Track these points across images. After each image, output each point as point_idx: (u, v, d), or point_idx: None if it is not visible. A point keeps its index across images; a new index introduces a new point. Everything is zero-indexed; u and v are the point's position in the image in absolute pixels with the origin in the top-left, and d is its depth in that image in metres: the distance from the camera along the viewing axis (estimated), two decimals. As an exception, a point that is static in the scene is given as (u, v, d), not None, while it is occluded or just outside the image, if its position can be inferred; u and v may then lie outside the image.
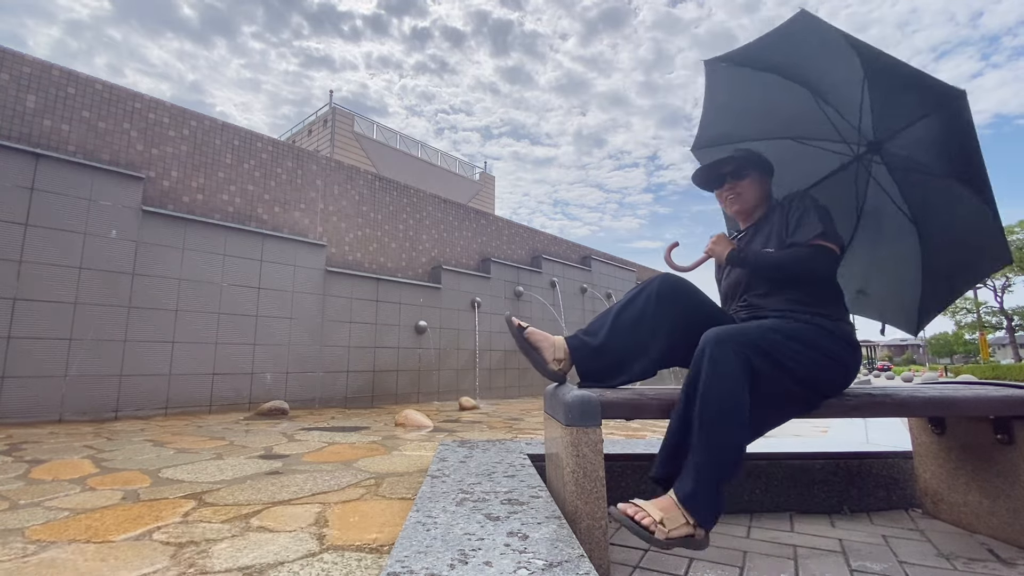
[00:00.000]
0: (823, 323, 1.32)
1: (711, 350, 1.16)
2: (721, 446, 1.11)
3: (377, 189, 6.08)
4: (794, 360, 1.21)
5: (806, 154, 1.78)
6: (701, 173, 1.64)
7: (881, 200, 1.73)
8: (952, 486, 1.57)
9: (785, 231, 1.44)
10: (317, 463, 2.13)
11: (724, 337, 1.18)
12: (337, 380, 5.03)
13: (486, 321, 6.70)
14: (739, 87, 1.74)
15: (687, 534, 1.07)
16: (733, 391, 1.13)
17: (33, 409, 3.39)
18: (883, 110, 1.54)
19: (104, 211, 3.79)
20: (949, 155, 1.51)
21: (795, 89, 1.66)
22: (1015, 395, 1.37)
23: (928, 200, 1.65)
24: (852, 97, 1.55)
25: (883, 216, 1.75)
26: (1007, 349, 40.16)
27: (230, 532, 1.28)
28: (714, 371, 1.14)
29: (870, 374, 25.66)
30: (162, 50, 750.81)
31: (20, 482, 1.79)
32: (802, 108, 1.68)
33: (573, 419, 1.15)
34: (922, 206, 1.67)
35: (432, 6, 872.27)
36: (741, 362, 1.15)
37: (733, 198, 1.60)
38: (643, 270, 10.83)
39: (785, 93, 1.67)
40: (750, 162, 1.58)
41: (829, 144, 1.72)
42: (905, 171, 1.64)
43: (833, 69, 1.53)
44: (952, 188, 1.54)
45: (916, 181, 1.64)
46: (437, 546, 0.81)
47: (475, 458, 1.58)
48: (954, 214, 1.59)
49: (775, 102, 1.72)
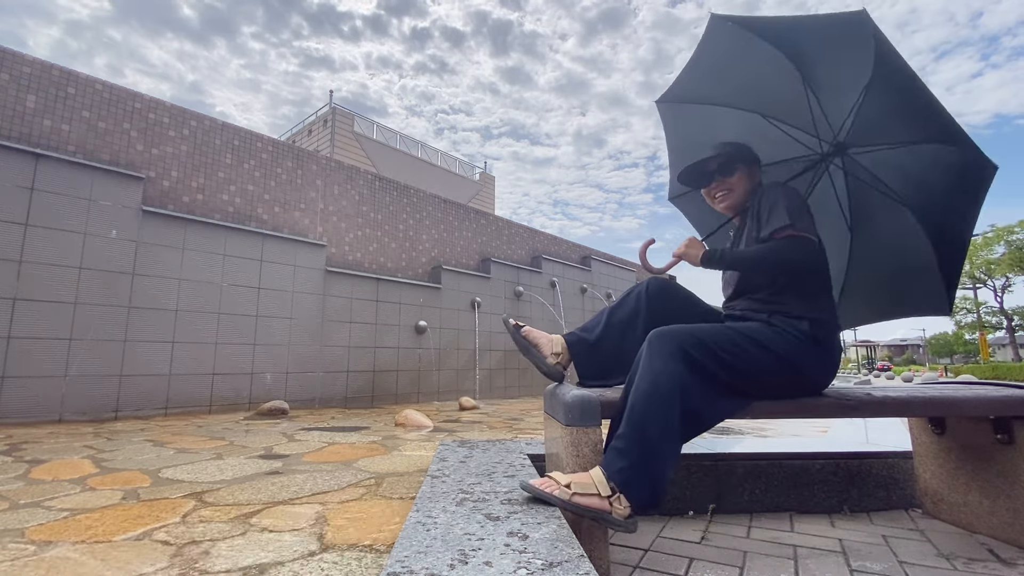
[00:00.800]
0: (779, 321, 1.31)
1: (651, 339, 1.20)
2: (644, 425, 1.10)
3: (377, 189, 6.08)
4: (734, 356, 1.22)
5: (769, 135, 1.72)
6: (688, 172, 1.61)
7: (826, 198, 1.72)
8: (952, 486, 1.57)
9: (756, 225, 1.42)
10: (317, 463, 2.13)
11: (665, 331, 1.21)
12: (337, 380, 5.03)
13: (486, 321, 6.70)
14: (735, 50, 1.64)
15: (598, 507, 1.04)
16: (661, 378, 1.13)
17: (33, 409, 3.39)
18: (869, 120, 1.50)
19: (104, 211, 3.79)
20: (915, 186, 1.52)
21: (790, 70, 1.57)
22: (1015, 395, 1.37)
23: (873, 217, 1.66)
24: (846, 97, 1.52)
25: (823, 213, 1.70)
26: (1007, 349, 40.16)
27: (230, 532, 1.28)
28: (649, 360, 1.17)
29: (870, 374, 25.67)
30: (162, 50, 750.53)
31: (20, 482, 1.79)
32: (787, 89, 1.61)
33: (573, 419, 1.15)
34: (864, 221, 1.69)
35: (432, 6, 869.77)
36: (677, 352, 1.16)
37: (723, 195, 1.57)
38: (642, 270, 10.83)
39: (778, 69, 1.58)
40: (738, 156, 1.55)
41: (798, 132, 1.68)
42: (861, 182, 1.64)
43: (841, 63, 1.48)
44: (902, 214, 1.56)
45: (870, 195, 1.64)
46: (437, 546, 0.81)
47: (475, 458, 1.58)
48: (893, 236, 1.61)
49: (763, 75, 1.64)
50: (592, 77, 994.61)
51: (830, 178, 1.71)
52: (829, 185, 1.72)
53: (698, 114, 1.85)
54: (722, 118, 1.80)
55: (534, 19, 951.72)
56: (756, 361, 1.24)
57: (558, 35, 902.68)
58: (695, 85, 1.79)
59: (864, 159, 1.61)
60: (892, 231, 1.64)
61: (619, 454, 1.09)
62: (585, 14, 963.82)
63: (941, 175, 1.47)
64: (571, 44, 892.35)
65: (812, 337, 1.29)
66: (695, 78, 1.77)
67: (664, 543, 1.40)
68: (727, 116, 1.79)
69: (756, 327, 1.30)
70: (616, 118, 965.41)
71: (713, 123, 1.82)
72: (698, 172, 1.59)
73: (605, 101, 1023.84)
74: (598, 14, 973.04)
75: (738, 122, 1.73)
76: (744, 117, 1.76)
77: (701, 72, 1.74)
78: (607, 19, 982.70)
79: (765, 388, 1.27)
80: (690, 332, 1.21)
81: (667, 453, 1.11)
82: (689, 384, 1.15)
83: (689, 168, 1.60)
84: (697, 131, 1.86)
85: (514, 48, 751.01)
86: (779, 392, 1.28)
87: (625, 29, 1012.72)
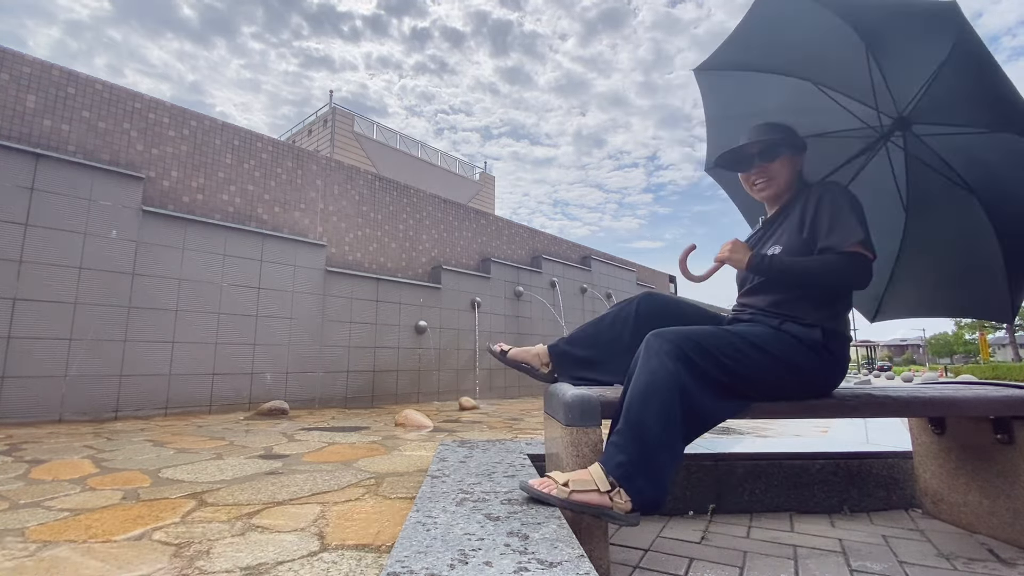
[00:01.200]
0: (791, 328, 1.27)
1: (648, 340, 1.19)
2: (642, 421, 1.08)
3: (377, 189, 6.08)
4: (735, 361, 1.19)
5: (819, 104, 1.59)
6: (728, 155, 1.51)
7: (881, 175, 1.60)
8: (952, 486, 1.57)
9: (811, 229, 1.32)
10: (317, 463, 2.13)
11: (663, 332, 1.19)
12: (337, 380, 5.03)
13: (486, 321, 6.70)
14: (787, 15, 1.49)
15: (598, 503, 1.03)
16: (659, 375, 1.12)
17: (33, 409, 3.38)
18: (940, 99, 1.36)
19: (104, 211, 3.79)
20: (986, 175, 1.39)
21: (851, 37, 1.40)
22: (1015, 395, 1.37)
23: (934, 203, 1.54)
24: (916, 70, 1.35)
25: (876, 191, 1.61)
26: (1007, 349, 40.14)
27: (230, 532, 1.28)
28: (646, 359, 1.15)
29: (870, 374, 25.69)
30: (162, 51, 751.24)
31: (20, 482, 1.79)
32: (846, 56, 1.44)
33: (573, 419, 1.15)
34: (923, 205, 1.58)
35: (432, 6, 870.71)
36: (674, 351, 1.14)
37: (763, 183, 1.47)
38: (643, 270, 10.83)
39: (837, 36, 1.42)
40: (782, 141, 1.44)
41: (853, 104, 1.53)
42: (924, 164, 1.52)
43: (914, 39, 1.32)
44: (969, 203, 1.44)
45: (932, 179, 1.51)
46: (437, 546, 0.81)
47: (475, 458, 1.58)
48: (957, 228, 1.49)
49: (818, 41, 1.48)
50: (592, 77, 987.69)
51: (888, 155, 1.57)
52: (886, 163, 1.58)
53: (741, 82, 1.72)
54: (767, 86, 1.67)
55: (534, 19, 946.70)
56: (758, 365, 1.21)
57: (558, 35, 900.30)
58: (739, 52, 1.64)
59: (931, 139, 1.47)
60: (955, 221, 1.50)
61: (617, 449, 1.08)
62: (585, 14, 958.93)
63: (1015, 167, 1.36)
64: (571, 44, 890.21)
65: (824, 347, 1.26)
66: (741, 45, 1.62)
67: (664, 543, 1.40)
68: (773, 83, 1.65)
69: (760, 331, 1.26)
70: (616, 118, 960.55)
71: (758, 91, 1.70)
72: (737, 156, 1.50)
73: (605, 101, 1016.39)
74: (598, 14, 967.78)
75: (785, 90, 1.58)
76: (792, 84, 1.61)
77: (748, 38, 1.59)
78: (607, 19, 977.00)
79: (767, 392, 1.25)
80: (687, 336, 1.18)
81: (668, 450, 1.09)
82: (688, 384, 1.13)
83: (730, 152, 1.50)
84: (739, 100, 1.75)
85: (514, 48, 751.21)
86: (782, 396, 1.27)
87: (625, 29, 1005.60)
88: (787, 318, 1.30)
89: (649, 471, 1.06)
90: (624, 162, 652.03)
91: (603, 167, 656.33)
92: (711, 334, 1.21)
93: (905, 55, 1.37)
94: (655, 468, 1.07)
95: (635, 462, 1.06)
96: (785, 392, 1.26)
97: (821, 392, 1.31)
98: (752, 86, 1.70)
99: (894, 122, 1.48)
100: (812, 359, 1.26)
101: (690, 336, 1.18)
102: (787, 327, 1.28)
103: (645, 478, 1.05)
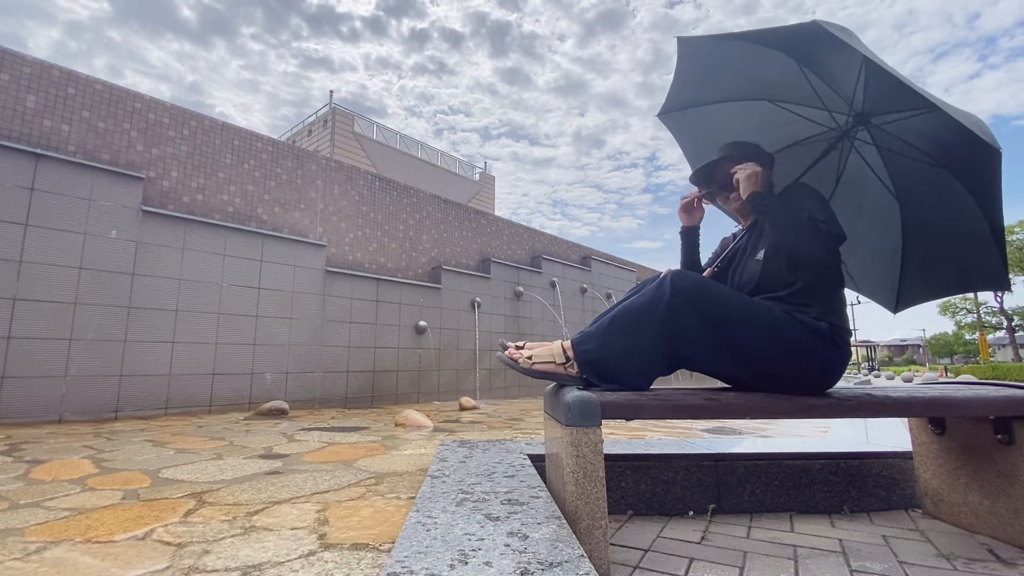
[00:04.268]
0: (800, 316, 1.32)
1: (670, 275, 1.28)
2: (625, 328, 1.24)
3: (377, 189, 6.08)
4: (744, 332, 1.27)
5: (782, 119, 1.71)
6: (699, 174, 1.62)
7: (863, 174, 1.67)
8: (952, 486, 1.57)
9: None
10: (317, 463, 2.13)
11: (688, 274, 1.29)
12: (337, 380, 5.03)
13: (486, 321, 6.70)
14: (715, 56, 1.65)
15: (553, 370, 1.26)
16: (661, 305, 1.24)
17: (33, 409, 3.38)
18: (879, 90, 1.45)
19: (104, 211, 3.79)
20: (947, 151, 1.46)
21: (778, 56, 1.55)
22: (1015, 395, 1.37)
23: (918, 187, 1.59)
24: (845, 71, 1.47)
25: (864, 188, 1.69)
26: (1007, 349, 40.14)
27: (230, 532, 1.28)
28: (658, 285, 1.27)
29: (870, 374, 25.70)
30: (162, 51, 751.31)
31: (20, 482, 1.79)
32: (783, 72, 1.58)
33: (573, 419, 1.15)
34: (910, 192, 1.63)
35: (431, 7, 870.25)
36: (691, 290, 1.25)
37: (734, 196, 1.57)
38: (643, 270, 10.83)
39: (767, 58, 1.57)
40: (748, 156, 1.54)
41: (807, 110, 1.64)
42: (895, 153, 1.58)
43: (827, 51, 1.44)
44: (946, 179, 1.49)
45: (907, 165, 1.58)
46: (437, 546, 0.81)
47: (475, 458, 1.58)
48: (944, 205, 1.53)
49: (754, 67, 1.63)
50: (591, 78, 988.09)
51: (859, 154, 1.65)
52: (862, 161, 1.66)
53: (705, 115, 1.83)
54: (730, 113, 1.77)
55: (532, 20, 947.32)
56: (767, 343, 1.26)
57: (557, 36, 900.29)
58: (690, 92, 1.80)
59: (890, 127, 1.54)
60: (940, 199, 1.56)
61: (588, 337, 1.25)
62: (583, 15, 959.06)
63: (957, 137, 1.40)
64: (570, 45, 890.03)
65: (831, 340, 1.31)
66: (687, 87, 1.79)
67: (664, 543, 1.40)
68: (735, 110, 1.75)
69: (781, 314, 1.31)
70: (615, 119, 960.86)
71: (723, 120, 1.80)
72: (708, 174, 1.60)
73: (604, 102, 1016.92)
74: (596, 15, 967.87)
75: (748, 112, 1.68)
76: (752, 106, 1.73)
77: (690, 81, 1.76)
78: (605, 20, 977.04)
79: (764, 374, 1.28)
80: (707, 287, 1.27)
81: (640, 358, 1.23)
82: (692, 325, 1.22)
83: (699, 171, 1.61)
84: (709, 131, 1.84)
85: (513, 49, 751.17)
86: (779, 382, 1.29)
87: (623, 30, 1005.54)
88: (796, 306, 1.34)
89: (611, 365, 1.23)
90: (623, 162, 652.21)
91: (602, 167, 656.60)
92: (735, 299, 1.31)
93: (828, 62, 1.50)
94: (619, 366, 1.23)
95: (601, 350, 1.24)
96: (783, 375, 1.29)
97: (820, 384, 1.33)
98: (716, 116, 1.82)
99: (854, 118, 1.58)
100: (816, 347, 1.30)
101: (712, 289, 1.28)
102: (795, 313, 1.32)
103: (603, 366, 1.23)
